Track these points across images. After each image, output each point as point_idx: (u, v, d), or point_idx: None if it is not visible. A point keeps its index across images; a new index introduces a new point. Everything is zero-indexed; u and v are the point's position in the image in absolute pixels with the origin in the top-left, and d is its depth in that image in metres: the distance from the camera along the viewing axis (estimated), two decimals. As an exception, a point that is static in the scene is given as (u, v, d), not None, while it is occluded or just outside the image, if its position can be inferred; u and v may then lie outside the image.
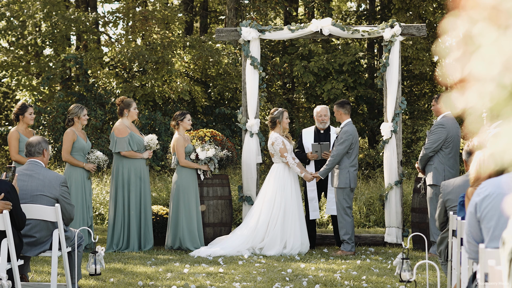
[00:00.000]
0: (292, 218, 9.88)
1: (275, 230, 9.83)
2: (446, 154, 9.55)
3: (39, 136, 7.08)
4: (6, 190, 6.13)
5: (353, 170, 9.97)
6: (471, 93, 2.43)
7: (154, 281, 7.77)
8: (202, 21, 23.07)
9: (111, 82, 18.72)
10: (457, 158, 9.64)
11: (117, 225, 10.20)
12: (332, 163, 9.92)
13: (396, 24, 10.67)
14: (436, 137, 9.56)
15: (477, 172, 5.47)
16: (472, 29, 2.44)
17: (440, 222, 6.65)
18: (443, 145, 9.56)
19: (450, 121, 9.67)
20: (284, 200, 9.91)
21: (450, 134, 9.58)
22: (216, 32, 11.06)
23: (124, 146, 10.14)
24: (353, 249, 9.90)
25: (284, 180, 10.01)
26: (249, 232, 9.87)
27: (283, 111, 10.14)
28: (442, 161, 9.54)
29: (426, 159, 9.64)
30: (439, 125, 9.61)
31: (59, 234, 6.68)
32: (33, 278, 7.99)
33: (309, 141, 10.68)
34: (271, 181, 10.05)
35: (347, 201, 9.94)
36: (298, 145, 10.76)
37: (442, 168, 9.51)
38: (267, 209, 9.93)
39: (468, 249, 4.46)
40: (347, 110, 10.11)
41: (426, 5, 18.60)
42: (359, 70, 18.99)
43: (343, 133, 9.96)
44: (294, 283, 7.64)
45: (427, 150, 9.58)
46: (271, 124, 10.18)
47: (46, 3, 18.28)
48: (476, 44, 2.44)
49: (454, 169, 9.57)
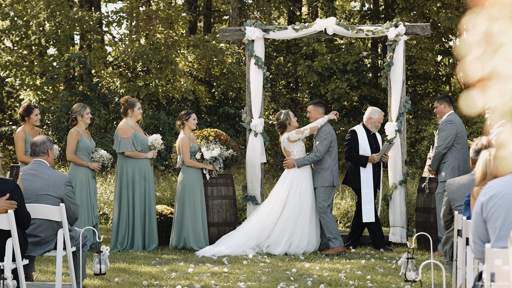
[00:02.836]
0: (303, 219, 9.87)
1: (283, 229, 9.82)
2: (459, 149, 9.55)
3: (44, 136, 7.08)
4: (11, 190, 6.13)
5: (336, 168, 10.03)
6: (493, 91, 2.41)
7: (159, 280, 7.77)
8: (205, 21, 23.06)
9: (115, 82, 18.72)
10: (467, 154, 9.61)
11: (121, 225, 10.20)
12: (313, 160, 9.91)
13: (400, 24, 10.66)
14: (446, 133, 9.55)
15: (483, 172, 5.46)
16: (493, 27, 2.42)
17: (445, 220, 6.64)
18: (454, 140, 9.55)
19: (457, 118, 9.71)
20: (298, 201, 9.88)
21: (460, 130, 9.58)
22: (220, 32, 11.06)
23: (128, 146, 10.14)
24: (342, 243, 9.91)
25: (301, 180, 9.97)
26: (256, 228, 9.86)
27: (288, 112, 10.13)
28: (456, 156, 9.53)
29: (439, 158, 9.60)
30: (448, 122, 9.61)
31: (64, 233, 6.68)
32: (38, 277, 7.99)
33: (365, 141, 10.31)
34: (287, 180, 10.01)
35: (327, 200, 9.95)
36: (353, 144, 10.31)
37: (457, 164, 9.50)
38: (279, 207, 9.90)
39: (474, 249, 4.45)
40: (324, 109, 10.19)
41: (430, 5, 18.57)
42: (363, 69, 18.97)
43: (322, 132, 10.00)
44: (298, 283, 7.63)
45: (439, 148, 9.55)
46: (280, 129, 10.14)
47: (50, 3, 18.29)
48: (498, 42, 2.41)
49: (468, 164, 9.53)
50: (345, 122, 19.50)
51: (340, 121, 19.40)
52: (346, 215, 13.49)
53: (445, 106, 9.79)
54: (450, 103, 9.83)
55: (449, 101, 9.82)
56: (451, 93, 21.91)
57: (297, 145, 10.02)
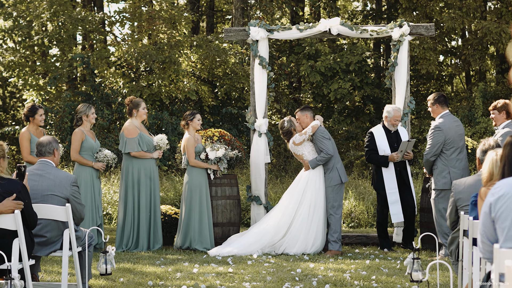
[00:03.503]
0: (318, 218, 9.88)
1: (299, 229, 9.81)
2: (448, 155, 9.47)
3: (49, 136, 7.09)
4: (17, 190, 6.14)
5: (340, 165, 10.03)
6: None
7: (164, 281, 7.78)
8: (208, 21, 23.08)
9: (118, 82, 18.74)
10: (462, 157, 9.54)
11: (126, 225, 10.20)
12: (325, 158, 9.90)
13: (404, 24, 10.66)
14: (434, 141, 9.46)
15: (489, 172, 5.46)
16: None
17: (451, 221, 6.64)
18: (443, 147, 9.46)
19: (447, 122, 9.53)
20: (313, 200, 9.88)
21: (449, 136, 9.45)
22: (224, 32, 11.07)
23: (134, 147, 10.14)
24: (340, 248, 9.92)
25: (314, 179, 9.96)
26: (269, 228, 9.87)
27: (290, 118, 10.14)
28: (445, 163, 9.47)
29: (429, 164, 9.57)
30: (436, 128, 9.47)
31: (70, 234, 6.69)
32: (43, 277, 8.00)
33: (383, 141, 10.25)
34: (302, 180, 10.00)
35: (337, 198, 9.95)
36: (372, 146, 10.25)
37: (446, 171, 9.44)
38: (293, 207, 9.89)
39: (482, 249, 4.44)
40: (312, 112, 10.18)
41: (433, 5, 18.56)
42: (365, 69, 18.98)
43: (318, 133, 10.01)
44: (304, 283, 7.64)
45: (427, 155, 9.50)
46: (286, 136, 10.14)
47: (53, 3, 18.30)
48: None
49: (459, 168, 9.46)
50: (347, 122, 19.51)
51: (343, 121, 19.41)
52: (350, 215, 13.50)
53: (437, 107, 9.66)
54: (444, 103, 9.61)
55: (442, 101, 9.61)
56: (454, 93, 21.92)
57: (305, 146, 10.02)
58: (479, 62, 18.46)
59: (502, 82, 18.91)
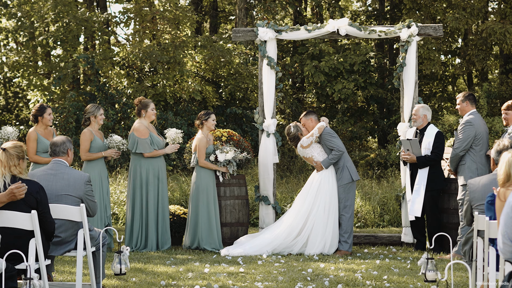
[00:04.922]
0: (333, 218, 9.88)
1: (316, 229, 9.82)
2: (477, 151, 9.52)
3: (63, 136, 7.11)
4: (35, 191, 6.15)
5: (350, 164, 10.05)
6: None
7: (176, 280, 7.79)
8: (211, 21, 23.09)
9: (122, 82, 18.75)
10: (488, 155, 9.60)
11: (135, 225, 10.22)
12: (337, 156, 9.91)
13: (413, 24, 10.68)
14: (465, 135, 9.51)
15: (506, 173, 5.48)
16: None
17: (467, 220, 6.66)
18: (473, 142, 9.51)
19: (477, 118, 9.64)
20: (327, 200, 9.88)
21: (479, 131, 9.52)
22: (232, 32, 11.08)
23: (146, 148, 10.15)
24: (350, 249, 9.92)
25: (327, 179, 9.97)
26: (282, 229, 9.89)
27: (296, 124, 10.19)
28: (474, 159, 9.50)
29: (457, 159, 9.58)
30: (467, 123, 9.56)
31: (84, 233, 6.71)
32: (55, 277, 8.02)
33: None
34: (315, 181, 10.01)
35: (348, 198, 9.97)
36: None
37: (474, 166, 9.47)
38: (307, 207, 9.90)
39: (503, 250, 4.46)
40: (316, 115, 10.22)
41: (437, 5, 18.58)
42: (369, 70, 19.00)
43: (325, 134, 10.04)
44: (316, 283, 7.65)
45: (457, 150, 9.52)
46: (294, 142, 10.17)
47: (57, 3, 18.31)
48: None
49: (486, 166, 9.51)
50: (351, 122, 19.54)
51: (346, 122, 19.43)
52: (356, 215, 13.51)
53: (467, 104, 9.74)
54: (473, 101, 9.73)
55: (472, 99, 9.73)
56: (457, 93, 21.94)
57: (314, 148, 10.04)
58: (483, 63, 18.49)
59: (506, 83, 18.93)
